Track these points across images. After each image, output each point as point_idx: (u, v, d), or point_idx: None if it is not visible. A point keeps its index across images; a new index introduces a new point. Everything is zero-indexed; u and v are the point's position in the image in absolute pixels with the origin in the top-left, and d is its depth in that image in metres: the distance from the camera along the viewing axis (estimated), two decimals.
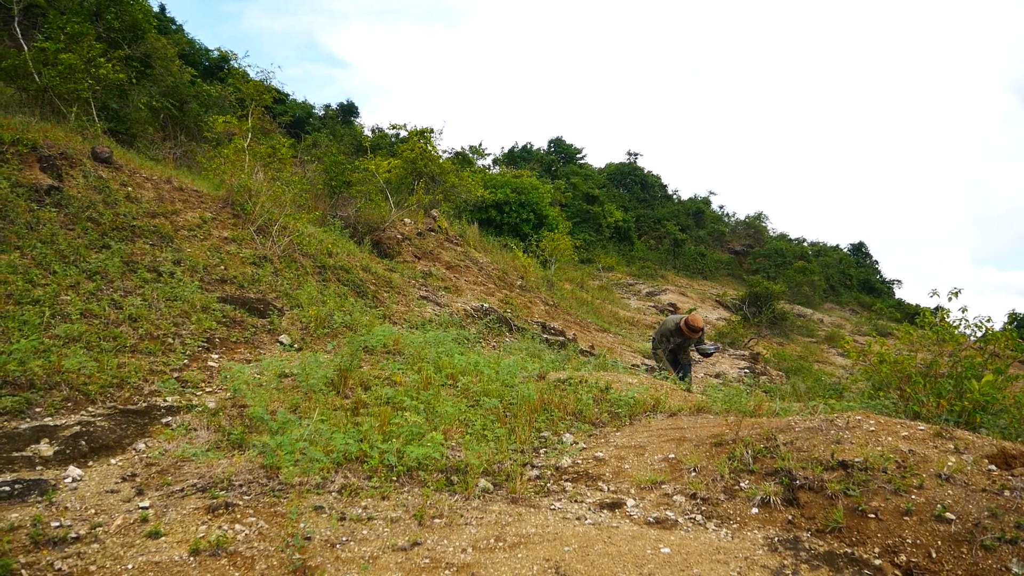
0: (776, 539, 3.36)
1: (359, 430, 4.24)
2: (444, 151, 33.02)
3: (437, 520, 3.34)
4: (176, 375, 5.51)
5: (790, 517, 3.60)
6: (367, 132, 35.86)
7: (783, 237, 57.34)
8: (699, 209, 53.79)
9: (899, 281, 66.42)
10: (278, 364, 5.56)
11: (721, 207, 58.51)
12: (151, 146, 15.07)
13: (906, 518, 3.38)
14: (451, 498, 3.69)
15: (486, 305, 12.49)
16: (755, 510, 3.67)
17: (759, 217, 57.98)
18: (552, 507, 3.73)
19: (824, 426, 4.41)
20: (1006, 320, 6.92)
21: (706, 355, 9.08)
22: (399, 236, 15.14)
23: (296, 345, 6.97)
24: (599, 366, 8.82)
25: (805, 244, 59.59)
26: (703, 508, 3.74)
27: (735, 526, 3.55)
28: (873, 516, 3.45)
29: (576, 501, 3.86)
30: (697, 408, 5.98)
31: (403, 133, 20.71)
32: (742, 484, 3.92)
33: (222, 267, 8.05)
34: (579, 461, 4.55)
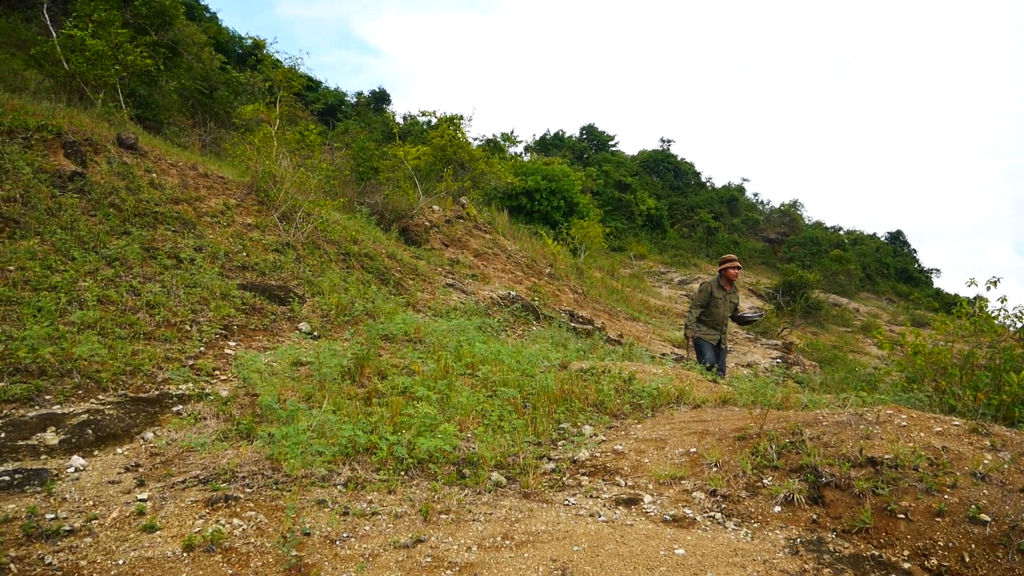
0: (799, 540, 3.19)
1: (370, 421, 4.13)
2: (475, 138, 32.94)
3: (444, 516, 3.21)
4: (191, 363, 5.44)
5: (815, 516, 3.42)
6: (399, 119, 35.89)
7: (819, 225, 56.42)
8: (733, 197, 53.17)
9: (938, 270, 65.10)
10: (293, 352, 5.48)
11: (755, 195, 57.69)
12: (180, 133, 15.12)
13: (938, 519, 3.19)
14: (461, 492, 3.57)
15: (513, 293, 12.35)
16: (778, 508, 3.50)
17: (794, 205, 57.14)
18: (566, 502, 3.60)
19: (853, 420, 4.21)
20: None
21: (746, 322, 8.82)
22: (427, 223, 15.05)
23: (316, 333, 6.89)
24: (624, 355, 8.65)
25: (841, 232, 58.60)
26: (723, 506, 3.57)
27: (756, 525, 3.38)
28: (903, 516, 3.26)
29: (591, 496, 3.72)
30: (722, 400, 5.80)
31: (433, 120, 20.60)
32: (765, 481, 3.74)
33: (244, 254, 8.00)
34: (597, 454, 4.40)
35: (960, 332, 6.16)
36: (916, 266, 62.12)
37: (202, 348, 5.77)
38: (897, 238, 66.24)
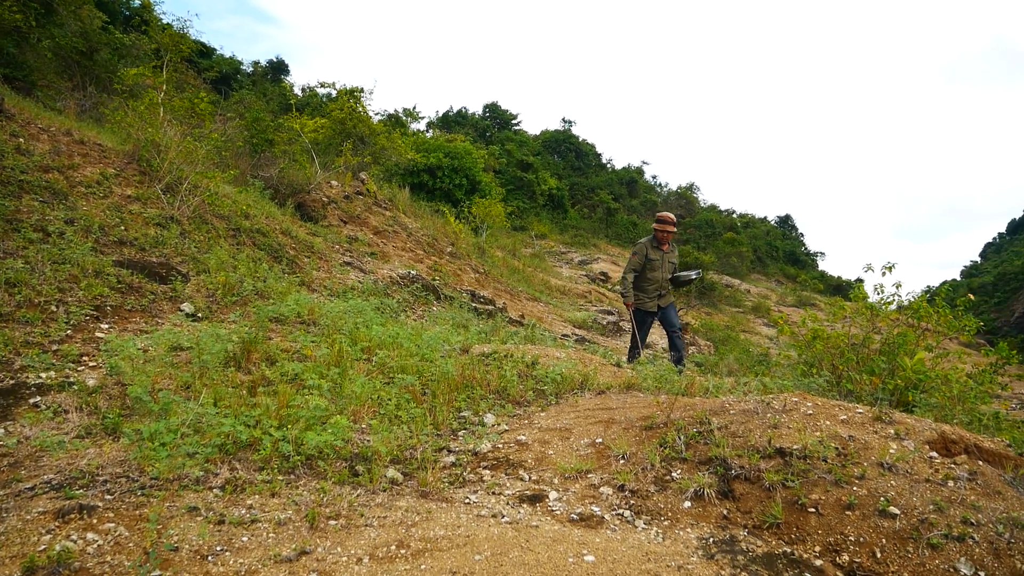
0: (711, 540, 3.05)
1: (253, 413, 3.76)
2: (376, 113, 32.23)
3: (333, 521, 2.90)
4: (55, 348, 4.92)
5: (725, 512, 3.30)
6: (297, 91, 34.72)
7: (713, 208, 58.07)
8: (632, 179, 53.99)
9: (822, 253, 68.35)
10: (171, 336, 5.00)
11: (654, 177, 58.85)
12: (56, 97, 14.03)
13: (848, 513, 3.12)
14: (353, 492, 3.26)
15: (413, 272, 12.01)
16: (688, 504, 3.36)
17: (691, 188, 58.61)
18: (467, 500, 3.36)
19: (760, 408, 4.14)
20: (920, 294, 6.82)
21: (682, 284, 8.59)
22: (325, 199, 14.50)
23: (200, 314, 6.42)
24: (527, 338, 8.47)
25: (734, 216, 60.53)
26: (632, 502, 3.41)
27: (666, 523, 3.23)
28: (813, 510, 3.17)
29: (494, 493, 3.50)
30: (627, 385, 5.69)
31: (333, 92, 19.87)
32: (674, 474, 3.61)
33: (122, 228, 7.39)
34: (500, 445, 4.19)
35: (856, 317, 6.23)
36: (803, 249, 64.86)
37: (69, 331, 5.23)
38: (786, 222, 68.94)
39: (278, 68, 41.50)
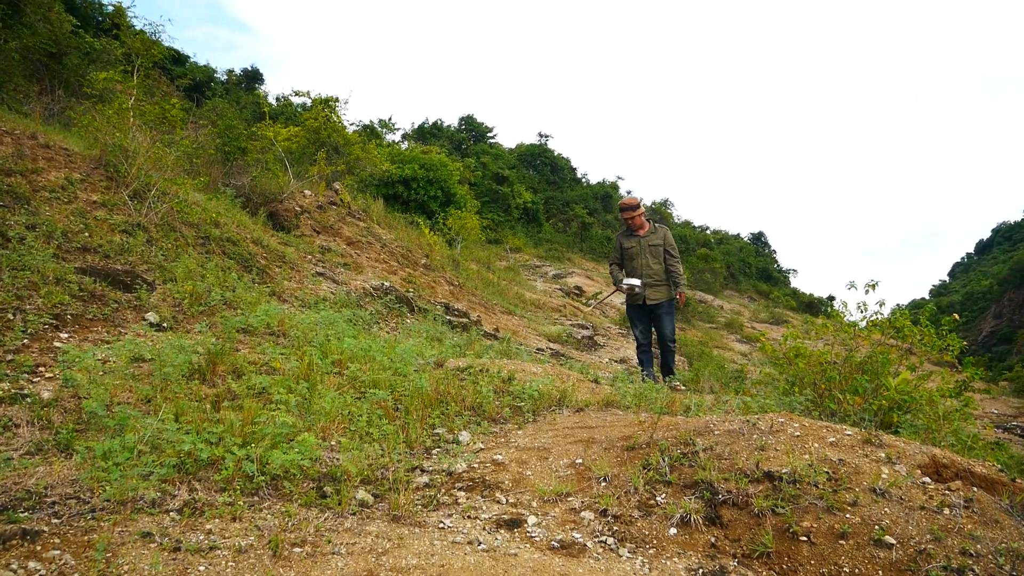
0: (701, 571, 2.89)
1: (215, 430, 3.54)
2: (351, 124, 32.00)
3: (297, 549, 2.68)
4: (10, 358, 4.67)
5: (713, 539, 3.15)
6: (272, 100, 34.46)
7: (687, 224, 58.46)
8: (607, 193, 54.16)
9: (795, 270, 69.16)
10: (133, 346, 4.76)
11: (629, 192, 58.97)
12: (25, 100, 13.67)
13: (842, 542, 2.98)
14: (320, 516, 3.06)
15: (387, 284, 11.81)
16: (673, 531, 3.21)
17: (665, 204, 58.93)
18: (441, 525, 3.17)
19: (746, 429, 4.00)
20: (901, 313, 6.74)
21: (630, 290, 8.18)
22: (298, 208, 14.26)
23: (165, 324, 6.18)
24: (503, 352, 8.31)
25: (708, 232, 61.00)
26: (615, 528, 3.24)
27: (651, 552, 3.07)
28: (805, 539, 3.03)
29: (469, 517, 3.31)
30: (606, 403, 5.55)
31: (307, 101, 19.66)
32: (658, 498, 3.45)
33: (86, 234, 7.13)
34: (475, 465, 4.01)
35: (839, 335, 6.15)
36: (776, 266, 65.47)
37: (25, 340, 4.98)
38: (759, 239, 69.58)
39: (253, 77, 41.16)
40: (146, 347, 4.89)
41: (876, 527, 3.02)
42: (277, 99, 34.69)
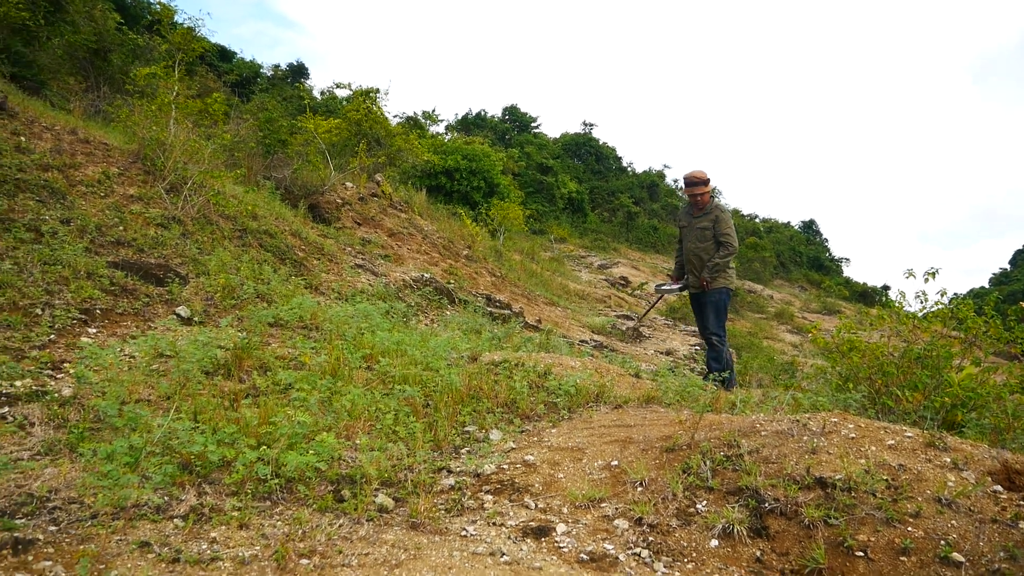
0: None
1: (230, 430, 3.37)
2: (395, 116, 32.03)
3: (305, 560, 2.49)
4: (34, 353, 4.59)
5: (758, 553, 2.88)
6: (316, 94, 34.60)
7: (736, 213, 57.46)
8: (653, 182, 53.50)
9: (847, 259, 67.53)
10: (156, 342, 4.63)
11: (675, 181, 58.18)
12: (69, 97, 13.82)
13: (903, 559, 2.70)
14: (334, 523, 2.86)
15: (427, 275, 11.66)
16: (715, 543, 2.95)
17: (712, 192, 57.87)
18: (463, 532, 2.96)
19: (795, 430, 3.72)
20: (962, 302, 6.30)
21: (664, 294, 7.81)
22: (339, 201, 14.20)
23: (196, 318, 6.08)
24: (542, 345, 8.08)
25: (757, 220, 59.94)
26: (650, 538, 2.99)
27: (690, 566, 2.82)
28: (861, 554, 2.75)
29: (495, 524, 3.10)
30: (647, 399, 5.28)
31: (348, 92, 19.61)
32: (699, 506, 3.20)
33: (120, 228, 7.08)
34: (505, 466, 3.79)
35: (895, 327, 5.79)
36: (827, 254, 64.09)
37: (52, 336, 4.90)
38: (810, 227, 68.18)
39: (298, 72, 41.45)
40: (170, 342, 4.76)
41: (942, 542, 2.73)
42: (321, 93, 34.80)
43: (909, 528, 2.83)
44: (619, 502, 3.30)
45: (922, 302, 5.86)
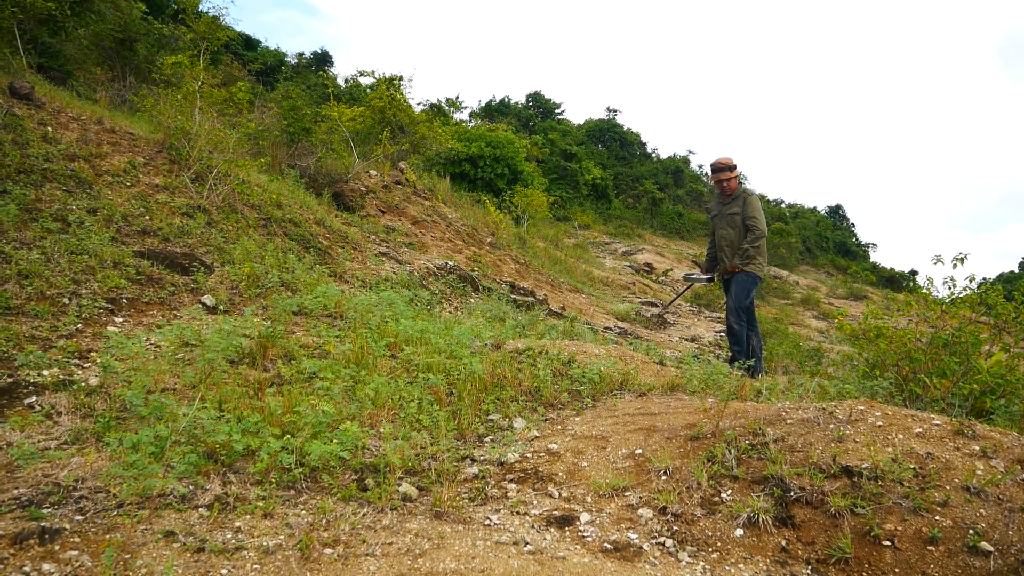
0: None
1: (254, 419, 3.38)
2: (419, 103, 32.01)
3: (329, 550, 2.50)
4: (62, 343, 4.64)
5: (783, 542, 2.86)
6: (340, 82, 34.68)
7: (762, 199, 56.81)
8: (678, 168, 53.10)
9: (874, 244, 66.80)
10: (181, 331, 4.66)
11: (700, 167, 57.71)
12: (95, 87, 13.94)
13: (931, 548, 2.66)
14: (358, 512, 2.87)
15: (451, 263, 11.68)
16: (739, 532, 2.93)
17: (740, 178, 57.35)
18: (487, 521, 2.96)
19: (822, 418, 3.68)
20: (992, 287, 6.16)
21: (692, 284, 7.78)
22: (363, 189, 14.23)
23: (221, 307, 6.13)
24: (566, 332, 8.06)
25: (783, 206, 59.36)
26: (675, 528, 2.97)
27: (715, 556, 2.80)
28: (888, 544, 2.72)
29: (518, 513, 3.10)
30: (671, 386, 5.25)
31: (372, 80, 19.63)
32: (724, 495, 3.17)
33: (146, 217, 7.14)
34: (528, 455, 3.79)
35: (923, 312, 5.71)
36: (854, 240, 63.34)
37: (79, 325, 4.96)
38: (837, 212, 67.39)
39: (322, 60, 41.55)
40: (195, 331, 4.79)
41: (971, 532, 2.69)
42: (345, 81, 34.87)
43: (937, 517, 2.79)
44: (643, 491, 3.28)
45: (950, 288, 5.76)
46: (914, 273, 56.07)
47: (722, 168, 7.37)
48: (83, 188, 7.05)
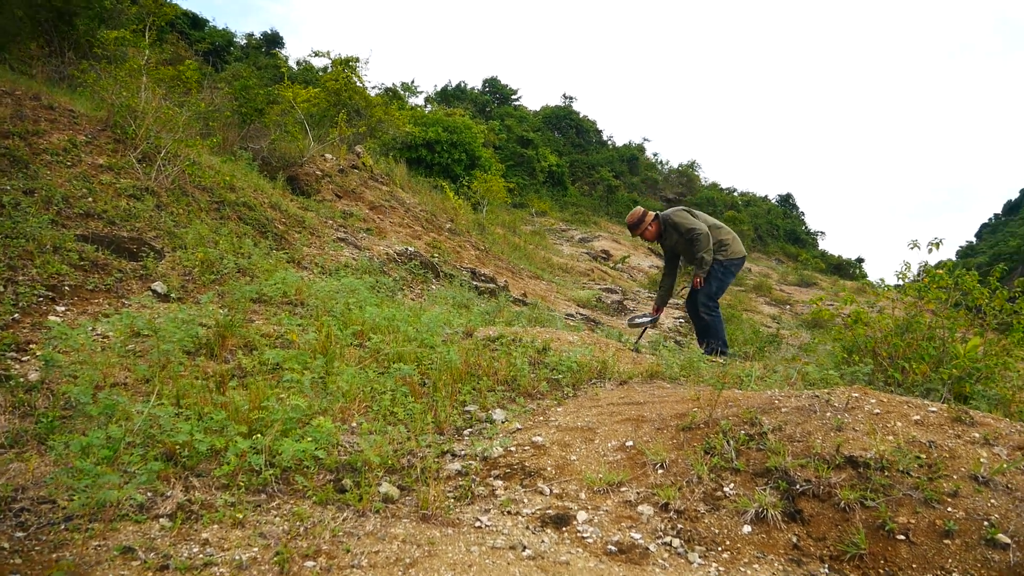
0: None
1: (217, 416, 3.09)
2: (374, 87, 31.43)
3: (310, 563, 2.23)
4: None
5: (794, 539, 2.68)
6: (292, 64, 33.92)
7: (714, 187, 57.48)
8: (633, 156, 53.25)
9: (823, 232, 67.89)
10: (131, 320, 4.30)
11: (655, 154, 58.09)
12: (31, 62, 13.26)
13: (947, 541, 2.51)
14: (338, 516, 2.61)
15: (411, 249, 11.38)
16: (747, 528, 2.74)
17: (692, 166, 57.86)
18: (477, 523, 2.73)
19: (817, 406, 3.52)
20: (970, 274, 6.14)
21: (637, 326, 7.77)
22: (318, 173, 13.84)
23: (173, 294, 5.77)
24: (533, 319, 7.85)
25: (735, 194, 60.00)
26: (679, 526, 2.77)
27: (726, 556, 2.61)
28: (903, 538, 2.56)
29: (509, 512, 2.87)
30: (650, 374, 5.07)
31: (327, 62, 19.13)
32: (726, 489, 2.98)
33: (89, 199, 6.71)
34: (512, 449, 3.56)
35: (903, 297, 5.62)
36: (803, 228, 64.35)
37: (16, 315, 4.56)
38: (787, 200, 68.35)
39: (272, 40, 40.68)
40: (147, 320, 4.44)
41: (985, 523, 2.54)
42: (297, 63, 34.10)
43: (949, 509, 2.64)
44: (640, 486, 3.08)
45: (902, 276, 5.70)
46: (861, 261, 57.16)
47: (635, 224, 7.33)
48: (18, 167, 6.60)
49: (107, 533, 2.31)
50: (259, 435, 3.03)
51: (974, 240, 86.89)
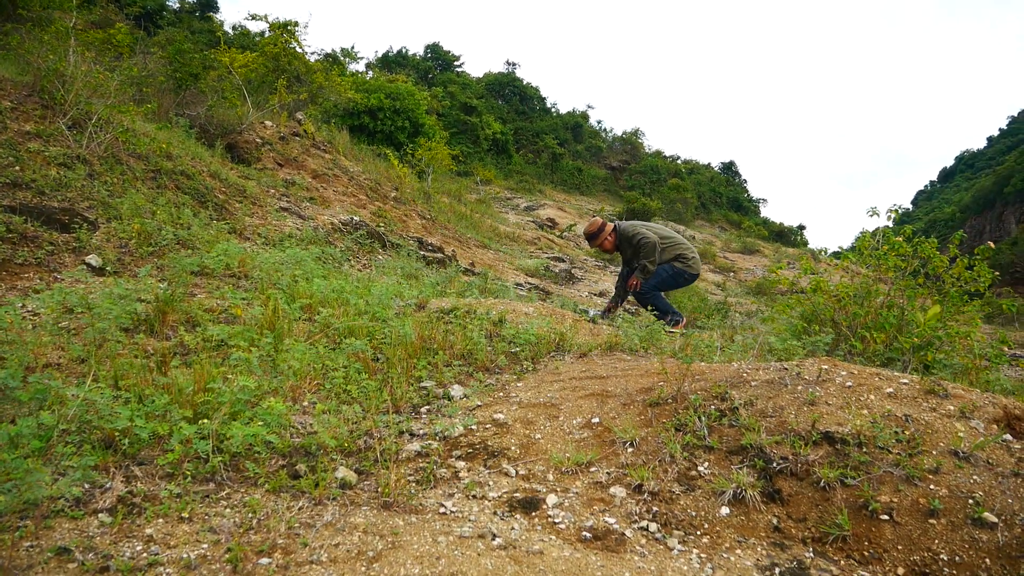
0: (776, 570, 2.33)
1: (159, 400, 2.86)
2: (313, 52, 30.63)
3: (265, 559, 2.04)
4: None
5: (774, 520, 2.59)
6: (228, 30, 32.81)
7: (658, 154, 57.76)
8: (577, 123, 53.17)
9: (764, 200, 68.86)
10: (64, 295, 4.02)
11: (599, 122, 58.18)
12: None
13: (932, 521, 2.44)
14: (293, 506, 2.43)
15: (356, 218, 11.08)
16: (726, 510, 2.64)
17: (636, 134, 58.05)
18: (442, 509, 2.57)
19: (788, 379, 3.44)
20: (929, 241, 6.16)
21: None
22: (258, 140, 13.37)
23: (109, 268, 5.46)
24: (487, 290, 7.69)
25: (679, 162, 60.43)
26: (654, 509, 2.65)
27: (706, 540, 2.50)
28: (887, 518, 2.49)
29: (475, 497, 2.71)
30: (609, 346, 4.97)
31: (265, 27, 18.47)
32: (700, 468, 2.88)
33: (16, 168, 6.31)
34: (474, 427, 3.40)
35: (862, 265, 5.60)
36: (746, 196, 65.26)
37: None
38: (730, 168, 69.20)
39: (207, 5, 39.32)
40: (81, 296, 4.15)
41: (970, 501, 2.48)
42: (233, 27, 32.98)
43: (932, 486, 2.58)
44: (610, 466, 2.96)
45: (882, 241, 5.69)
46: (802, 228, 58.24)
47: (593, 235, 7.50)
48: None
49: (40, 532, 2.09)
50: (205, 419, 2.81)
51: (910, 207, 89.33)
